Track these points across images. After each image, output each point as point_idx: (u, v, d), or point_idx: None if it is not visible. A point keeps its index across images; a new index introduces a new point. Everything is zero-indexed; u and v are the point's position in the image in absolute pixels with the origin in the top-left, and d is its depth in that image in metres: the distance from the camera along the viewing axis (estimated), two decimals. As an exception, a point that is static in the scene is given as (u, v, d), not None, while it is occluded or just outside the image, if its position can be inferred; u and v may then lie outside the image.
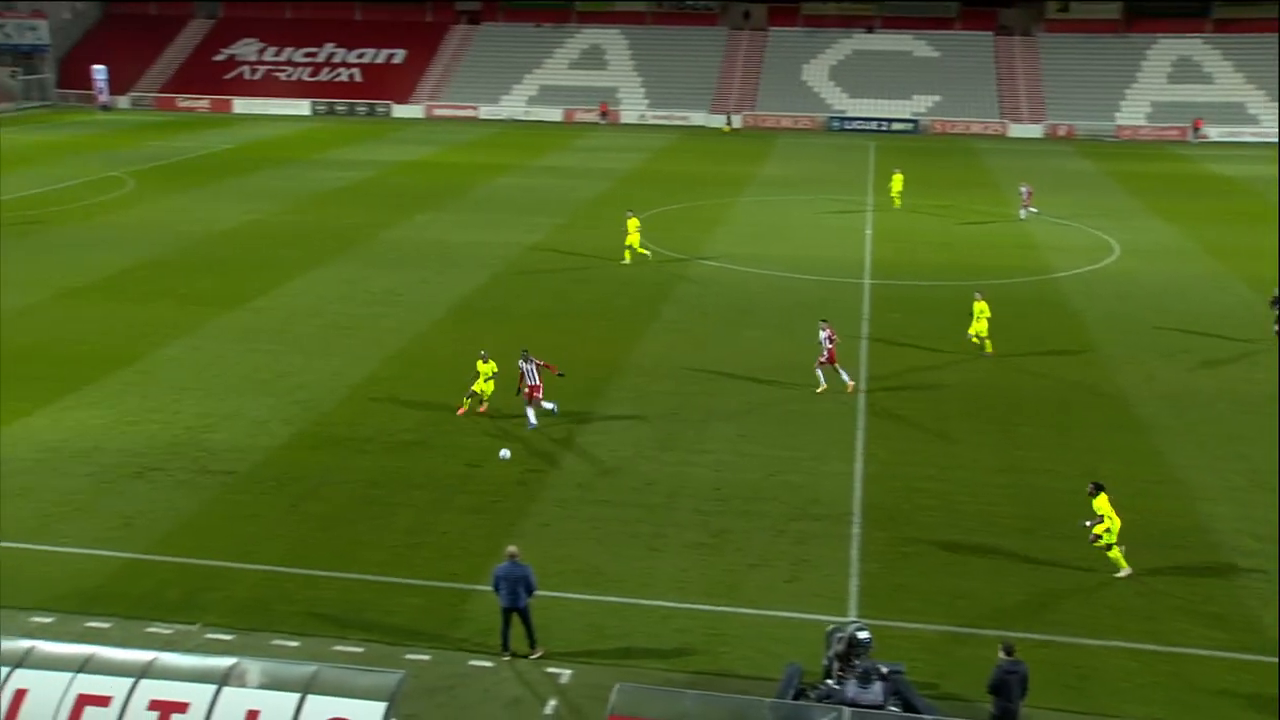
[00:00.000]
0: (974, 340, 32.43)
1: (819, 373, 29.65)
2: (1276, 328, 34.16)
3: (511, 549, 18.16)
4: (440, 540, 21.80)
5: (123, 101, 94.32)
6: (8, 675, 13.99)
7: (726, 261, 43.27)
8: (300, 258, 43.02)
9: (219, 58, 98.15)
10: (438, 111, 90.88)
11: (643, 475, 24.65)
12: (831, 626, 16.86)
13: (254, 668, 14.31)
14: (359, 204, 53.77)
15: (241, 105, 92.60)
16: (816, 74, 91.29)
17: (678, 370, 30.73)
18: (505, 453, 24.49)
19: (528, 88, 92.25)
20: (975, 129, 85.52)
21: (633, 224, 42.71)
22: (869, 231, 49.17)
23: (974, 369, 31.63)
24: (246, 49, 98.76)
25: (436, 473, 24.65)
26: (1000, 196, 58.20)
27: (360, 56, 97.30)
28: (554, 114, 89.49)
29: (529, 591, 17.95)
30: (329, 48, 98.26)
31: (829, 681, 15.97)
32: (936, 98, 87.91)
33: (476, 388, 27.44)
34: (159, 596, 19.66)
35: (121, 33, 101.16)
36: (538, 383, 26.92)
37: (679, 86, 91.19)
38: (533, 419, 26.84)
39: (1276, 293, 34.86)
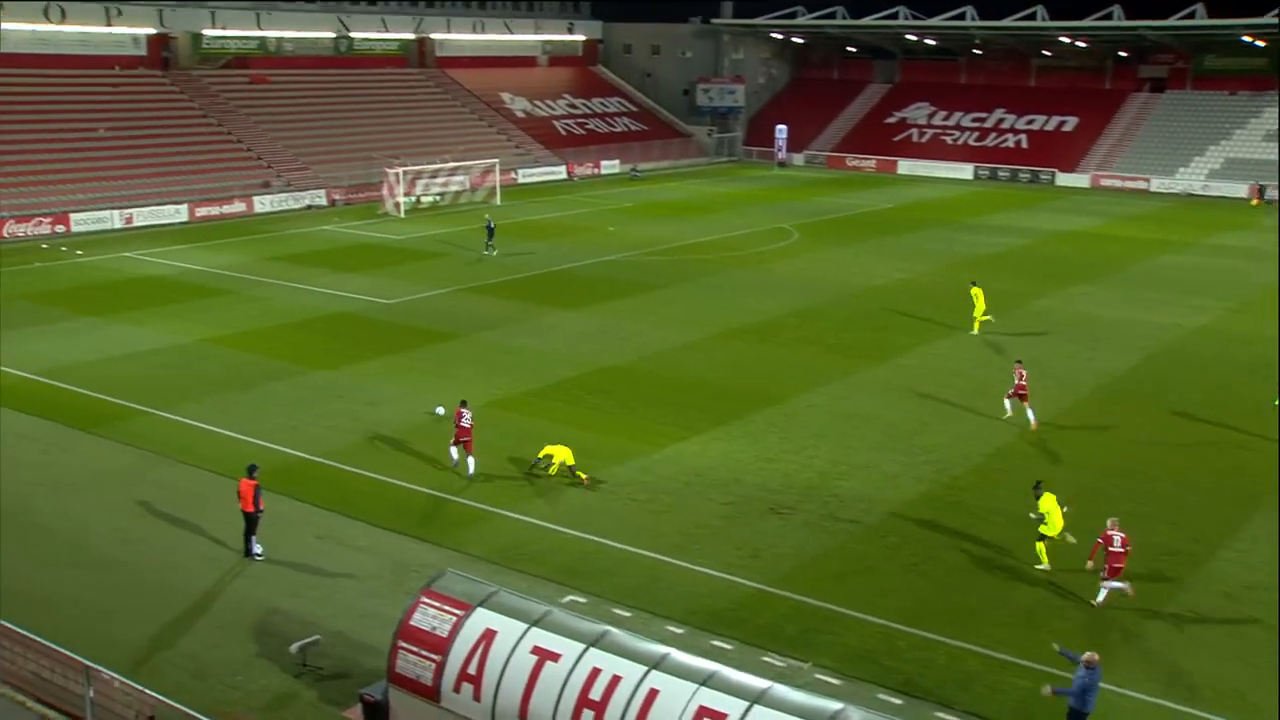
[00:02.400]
0: None
1: (1006, 403, 31.81)
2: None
3: (1092, 655, 16.97)
4: (1061, 625, 20.85)
5: (797, 159, 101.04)
6: (645, 675, 15.43)
7: None
8: (947, 319, 43.36)
9: (890, 120, 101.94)
10: (1104, 182, 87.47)
11: (1302, 598, 21.89)
12: None
13: (857, 717, 14.52)
14: (1011, 271, 53.18)
15: (906, 166, 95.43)
16: None
17: (1360, 486, 26.97)
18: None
19: (1210, 160, 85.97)
20: None
21: (976, 292, 41.79)
22: None
23: None
24: (917, 113, 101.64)
25: (1062, 556, 23.64)
26: None
27: (1029, 123, 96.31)
28: (1237, 190, 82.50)
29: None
30: (998, 113, 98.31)
31: None
32: None
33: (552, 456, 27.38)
34: (777, 629, 20.68)
35: (804, 96, 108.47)
36: (468, 426, 27.42)
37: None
38: (457, 458, 27.62)
39: None
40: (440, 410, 30.86)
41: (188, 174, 69.63)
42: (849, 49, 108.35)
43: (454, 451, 27.85)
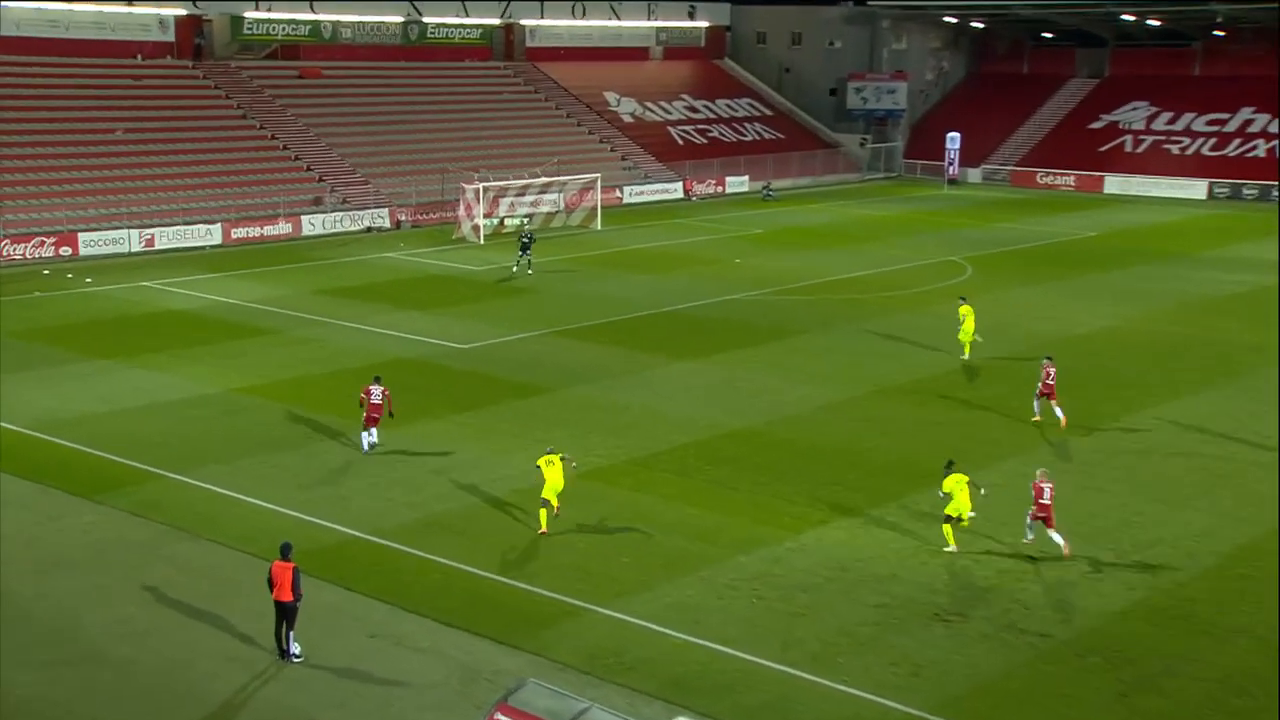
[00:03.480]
0: None
1: (1035, 404, 37.92)
2: None
3: None
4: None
5: (972, 174, 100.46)
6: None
7: None
8: (1169, 378, 42.54)
9: (1096, 125, 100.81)
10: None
11: None
12: None
13: None
14: (1260, 318, 51.83)
15: (1115, 184, 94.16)
16: None
17: None
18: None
19: None
20: None
21: (965, 310, 45.09)
22: None
23: None
24: (1133, 115, 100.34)
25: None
26: None
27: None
28: None
29: None
30: (1245, 113, 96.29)
31: None
32: None
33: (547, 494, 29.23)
34: (944, 769, 20.28)
35: (983, 95, 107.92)
36: (379, 403, 34.14)
37: None
38: (370, 442, 34.22)
39: None
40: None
41: (222, 187, 71.76)
42: (1044, 35, 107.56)
43: (365, 438, 34.14)
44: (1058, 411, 37.14)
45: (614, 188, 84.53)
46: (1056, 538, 27.97)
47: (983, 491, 29.06)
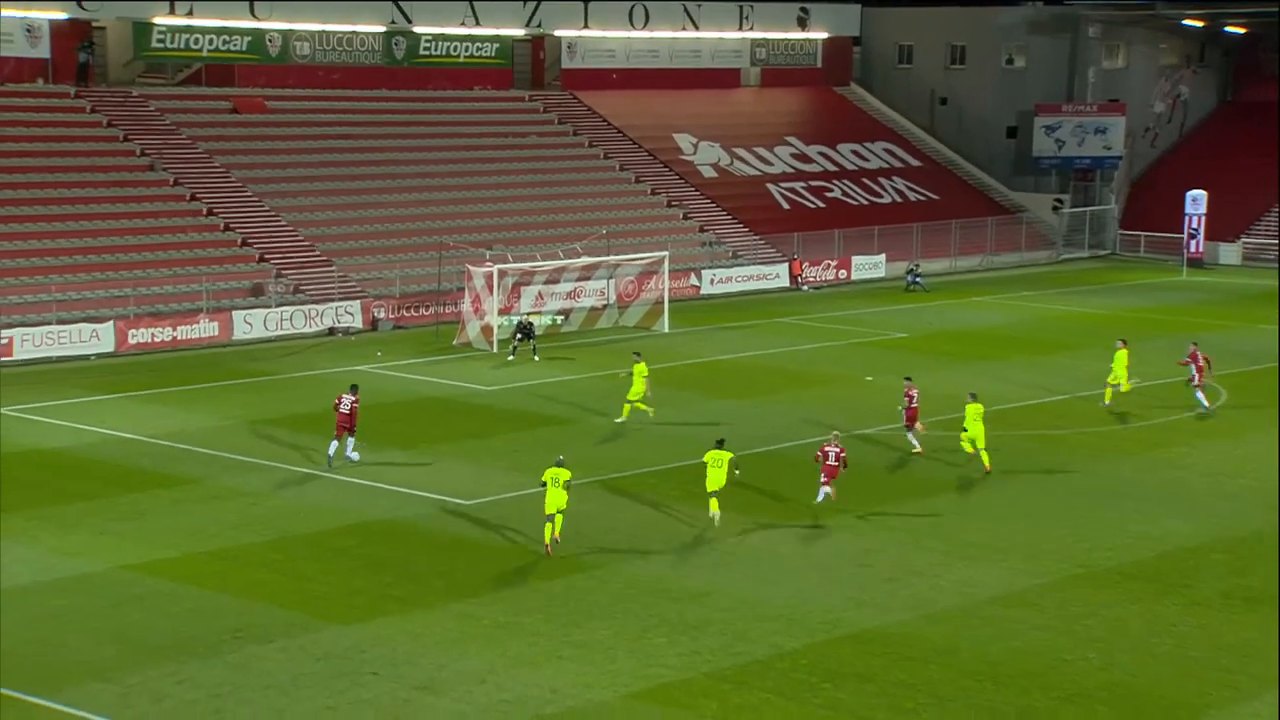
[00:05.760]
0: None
1: (911, 437, 52.52)
2: None
3: None
4: None
5: (1225, 253, 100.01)
6: None
7: None
8: None
9: None
10: None
11: None
12: None
13: None
14: None
15: None
16: None
17: None
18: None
19: None
20: None
21: (639, 369, 56.63)
22: None
23: None
24: None
25: None
26: None
27: None
28: None
29: None
30: None
31: None
32: None
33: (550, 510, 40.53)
34: None
35: (1242, 136, 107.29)
36: (347, 412, 48.53)
37: None
38: (333, 452, 48.66)
39: None
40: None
41: (117, 269, 72.52)
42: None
43: (333, 447, 47.99)
44: (913, 439, 52.07)
45: (688, 272, 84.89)
46: (826, 490, 45.23)
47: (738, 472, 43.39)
